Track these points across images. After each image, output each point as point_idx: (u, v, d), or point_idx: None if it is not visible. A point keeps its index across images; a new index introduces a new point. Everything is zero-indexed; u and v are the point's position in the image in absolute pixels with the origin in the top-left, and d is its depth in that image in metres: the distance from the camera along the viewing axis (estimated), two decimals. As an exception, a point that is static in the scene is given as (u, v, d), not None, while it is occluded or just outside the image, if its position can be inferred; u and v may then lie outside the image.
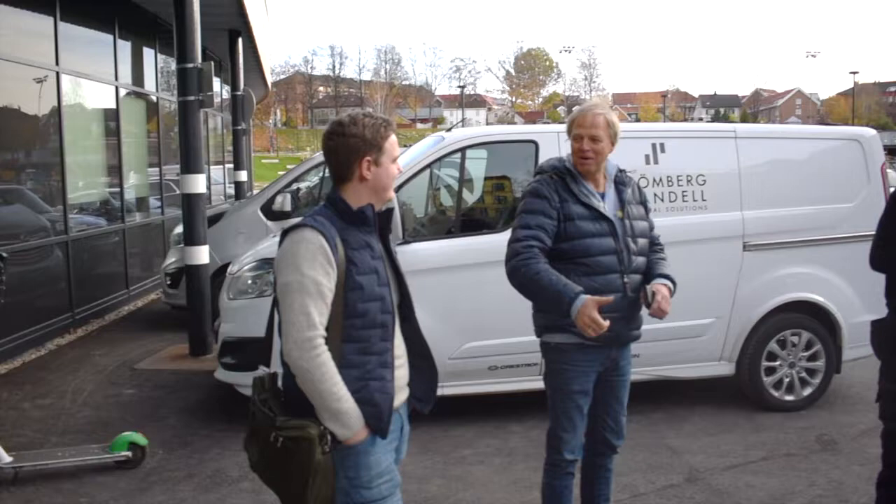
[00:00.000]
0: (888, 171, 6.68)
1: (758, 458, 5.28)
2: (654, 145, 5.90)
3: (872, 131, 6.70)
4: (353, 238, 2.56)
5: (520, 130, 6.75)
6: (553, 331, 3.56)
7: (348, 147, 2.58)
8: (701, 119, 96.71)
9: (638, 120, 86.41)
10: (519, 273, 3.40)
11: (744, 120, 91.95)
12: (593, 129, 3.44)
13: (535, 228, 3.43)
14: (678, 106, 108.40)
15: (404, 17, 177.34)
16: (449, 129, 6.27)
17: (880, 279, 3.99)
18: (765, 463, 5.21)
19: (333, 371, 2.47)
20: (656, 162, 5.89)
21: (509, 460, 5.24)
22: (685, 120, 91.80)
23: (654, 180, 5.83)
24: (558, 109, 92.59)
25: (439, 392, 4.83)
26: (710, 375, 6.20)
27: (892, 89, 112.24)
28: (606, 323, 3.19)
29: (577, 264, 3.42)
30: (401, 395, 2.71)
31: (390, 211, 2.73)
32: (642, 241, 3.57)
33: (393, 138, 2.65)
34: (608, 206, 3.52)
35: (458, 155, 5.88)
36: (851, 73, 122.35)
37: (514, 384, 5.69)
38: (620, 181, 3.61)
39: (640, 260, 3.55)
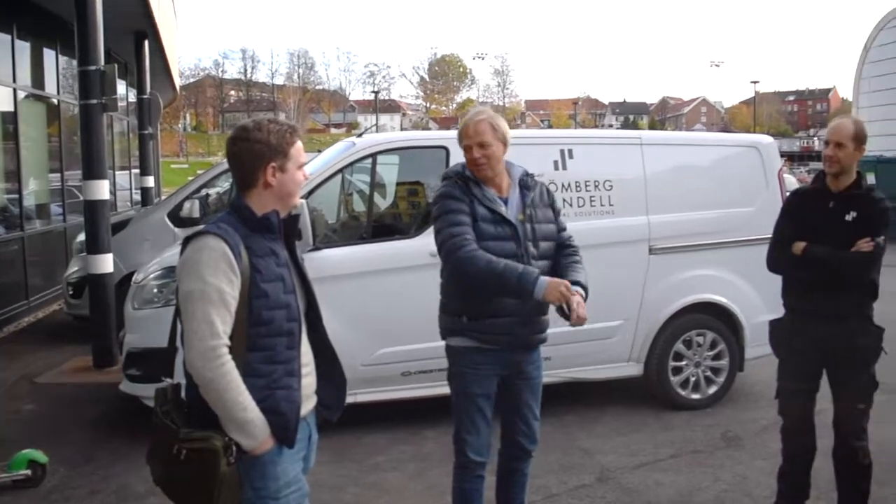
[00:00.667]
0: (785, 175, 6.95)
1: (666, 456, 5.41)
2: (562, 151, 5.99)
3: (770, 139, 6.97)
4: (257, 245, 2.52)
5: (430, 136, 6.78)
6: (453, 334, 3.60)
7: (253, 153, 2.54)
8: (611, 125, 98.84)
9: (550, 126, 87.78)
10: (467, 263, 3.38)
11: (652, 127, 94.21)
12: (478, 137, 3.46)
13: (462, 225, 3.45)
14: (589, 113, 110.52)
15: (317, 22, 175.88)
16: (360, 135, 6.24)
17: (779, 280, 4.16)
18: (673, 461, 5.34)
19: (238, 380, 2.42)
20: (565, 168, 5.98)
21: (424, 466, 5.24)
22: (596, 126, 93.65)
23: (563, 186, 5.92)
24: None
25: (352, 399, 4.78)
26: (620, 376, 6.32)
27: (791, 98, 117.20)
28: (576, 296, 3.28)
29: None
30: (308, 404, 2.67)
31: (296, 218, 2.69)
32: (545, 245, 3.59)
33: (299, 144, 2.62)
34: (511, 210, 3.54)
35: (369, 160, 5.86)
36: (752, 82, 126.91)
37: (428, 389, 5.67)
38: (525, 185, 3.62)
39: (542, 264, 3.55)
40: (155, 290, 5.79)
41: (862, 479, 4.05)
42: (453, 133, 6.25)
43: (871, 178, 21.69)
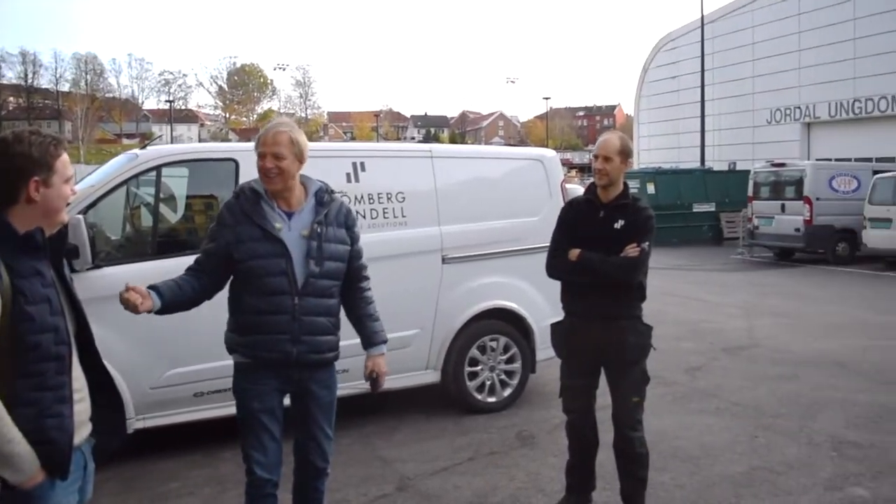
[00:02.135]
0: (570, 186, 7.36)
1: (464, 460, 5.56)
2: (354, 164, 6.04)
3: (553, 152, 7.38)
4: (20, 265, 2.35)
5: (219, 148, 6.57)
6: (231, 350, 3.58)
7: (14, 167, 2.38)
8: (413, 138, 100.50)
9: (353, 138, 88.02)
10: None
11: (452, 140, 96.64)
12: (275, 147, 3.39)
13: (202, 253, 3.55)
14: (392, 125, 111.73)
15: (106, 26, 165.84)
16: (144, 146, 5.98)
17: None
18: (470, 463, 5.50)
19: (1, 412, 2.25)
20: (357, 180, 6.02)
21: (220, 489, 5.09)
22: (399, 139, 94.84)
23: (356, 198, 5.96)
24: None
25: (141, 424, 4.56)
26: (419, 384, 6.43)
27: (581, 114, 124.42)
28: (144, 304, 3.25)
29: (250, 285, 3.43)
30: (82, 432, 2.52)
31: (63, 235, 2.55)
32: (331, 265, 3.54)
33: (65, 157, 2.47)
34: (295, 226, 3.48)
35: (154, 173, 5.61)
36: (545, 98, 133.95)
37: (223, 409, 5.46)
38: (320, 200, 3.57)
39: (325, 283, 3.53)
40: None
41: (640, 468, 4.33)
42: (242, 145, 6.18)
43: (650, 188, 23.46)
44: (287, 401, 3.63)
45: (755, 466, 5.35)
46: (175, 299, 3.41)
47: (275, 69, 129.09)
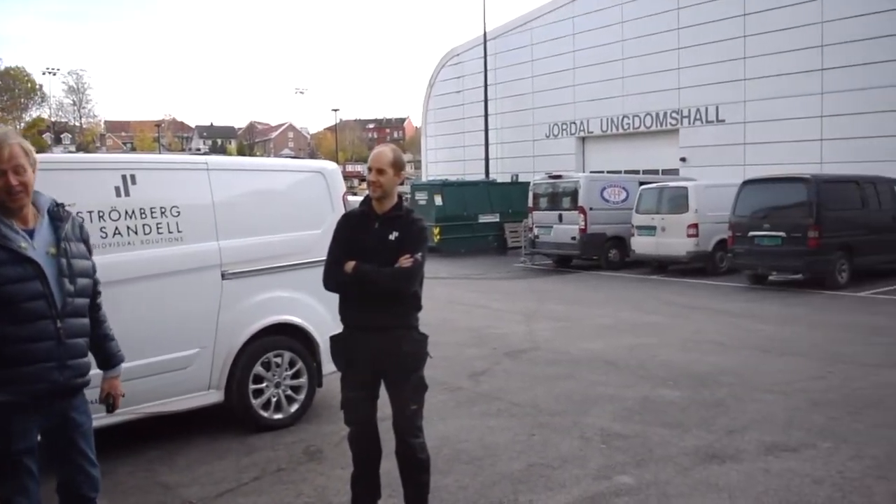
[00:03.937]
0: (351, 198, 7.40)
1: (250, 479, 5.45)
2: (124, 177, 5.71)
3: (334, 164, 7.39)
4: None
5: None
6: None
7: None
8: (199, 149, 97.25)
9: (134, 149, 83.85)
10: None
11: (241, 151, 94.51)
12: (14, 161, 3.15)
13: None
14: (175, 136, 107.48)
15: None
16: None
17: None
18: (256, 483, 5.39)
19: None
20: (127, 194, 5.70)
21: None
22: (183, 150, 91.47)
23: (127, 213, 5.66)
24: (44, 136, 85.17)
25: None
26: (202, 405, 6.21)
27: (371, 126, 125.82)
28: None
29: (5, 312, 3.11)
30: None
31: None
32: (83, 281, 3.36)
33: None
34: (38, 244, 3.24)
35: None
36: (334, 110, 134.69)
37: None
38: (57, 216, 3.35)
39: (81, 302, 3.34)
40: None
41: (422, 472, 4.42)
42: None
43: (438, 200, 24.10)
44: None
45: (532, 463, 5.63)
46: None
47: (44, 73, 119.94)
